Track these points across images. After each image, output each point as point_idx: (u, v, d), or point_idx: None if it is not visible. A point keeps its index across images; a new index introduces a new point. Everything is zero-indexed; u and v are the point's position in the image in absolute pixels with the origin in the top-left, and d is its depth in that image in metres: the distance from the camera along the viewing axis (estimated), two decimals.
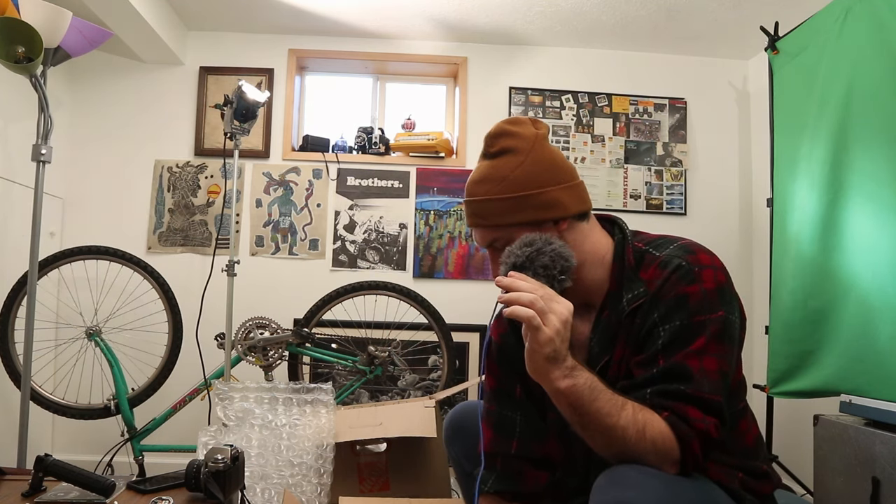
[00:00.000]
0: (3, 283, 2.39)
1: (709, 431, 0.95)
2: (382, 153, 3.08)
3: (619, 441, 0.94)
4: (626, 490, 0.90)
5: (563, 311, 0.95)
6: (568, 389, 0.95)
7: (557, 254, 1.01)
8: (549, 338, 0.92)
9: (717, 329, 1.00)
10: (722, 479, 1.03)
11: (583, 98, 3.15)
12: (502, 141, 1.12)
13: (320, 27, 3.03)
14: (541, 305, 0.93)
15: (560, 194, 1.09)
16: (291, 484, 1.89)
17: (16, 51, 1.92)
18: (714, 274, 1.02)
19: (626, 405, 0.96)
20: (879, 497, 1.57)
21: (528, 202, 1.09)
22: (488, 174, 1.12)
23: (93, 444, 2.71)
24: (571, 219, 1.11)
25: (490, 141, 1.14)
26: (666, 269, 1.04)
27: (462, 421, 1.39)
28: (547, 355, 0.93)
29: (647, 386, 1.00)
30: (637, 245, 1.11)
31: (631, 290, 1.07)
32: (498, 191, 1.10)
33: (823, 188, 2.13)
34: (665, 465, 0.94)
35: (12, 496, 1.34)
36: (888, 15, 1.89)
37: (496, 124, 1.15)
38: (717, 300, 1.01)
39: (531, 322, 0.92)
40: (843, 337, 1.99)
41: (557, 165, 1.12)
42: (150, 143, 3.02)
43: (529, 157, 1.10)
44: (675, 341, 1.00)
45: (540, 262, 1.01)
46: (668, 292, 1.02)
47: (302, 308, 2.59)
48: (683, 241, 1.09)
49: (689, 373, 0.97)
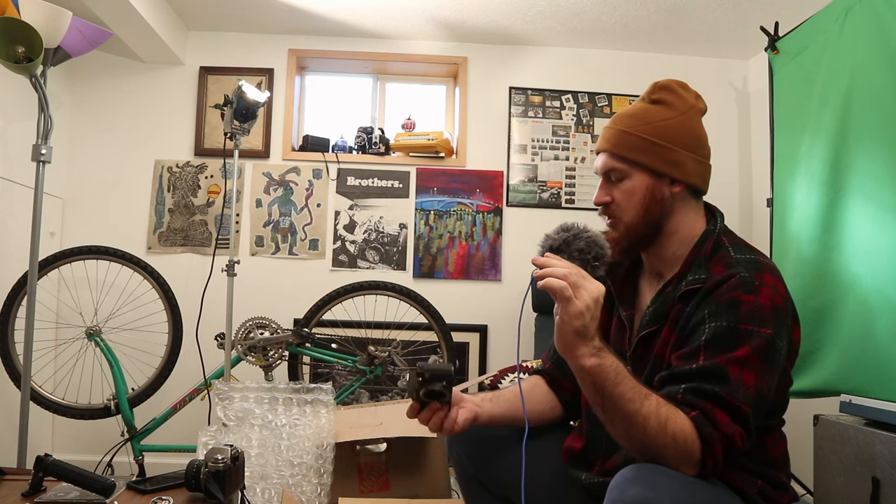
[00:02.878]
0: (3, 283, 2.39)
1: (734, 438, 0.95)
2: (382, 153, 3.08)
3: (640, 430, 0.95)
4: (643, 489, 0.90)
5: (595, 290, 0.97)
6: (593, 368, 0.96)
7: (593, 240, 1.04)
8: (580, 311, 0.95)
9: (762, 345, 0.99)
10: (740, 484, 1.03)
11: (583, 98, 3.15)
12: (664, 93, 1.19)
13: (320, 27, 3.03)
14: (574, 279, 0.96)
15: (688, 160, 1.15)
16: (291, 484, 1.88)
17: (16, 51, 1.92)
18: (772, 295, 1.03)
19: (650, 396, 0.96)
20: (879, 497, 1.57)
21: (660, 151, 1.15)
22: (639, 113, 1.19)
23: (93, 444, 2.71)
24: (686, 187, 1.16)
25: (654, 88, 1.21)
26: (729, 271, 1.06)
27: None
28: (576, 329, 0.95)
29: (683, 380, 1.00)
30: (723, 241, 1.14)
31: (695, 273, 1.10)
32: (640, 129, 1.16)
33: (823, 188, 2.13)
34: (684, 464, 0.94)
35: (12, 496, 1.34)
36: (888, 15, 1.89)
37: (668, 79, 1.21)
38: (770, 318, 1.01)
39: (563, 293, 0.95)
40: (843, 337, 1.99)
41: (699, 138, 1.18)
42: (150, 143, 3.02)
43: (680, 117, 1.17)
44: (719, 342, 1.00)
45: (576, 246, 1.04)
46: (723, 293, 1.04)
47: (302, 308, 2.59)
48: (762, 258, 1.11)
49: (726, 376, 0.97)
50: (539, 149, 3.11)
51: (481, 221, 3.06)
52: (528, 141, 3.12)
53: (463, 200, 3.07)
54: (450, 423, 1.12)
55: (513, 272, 3.02)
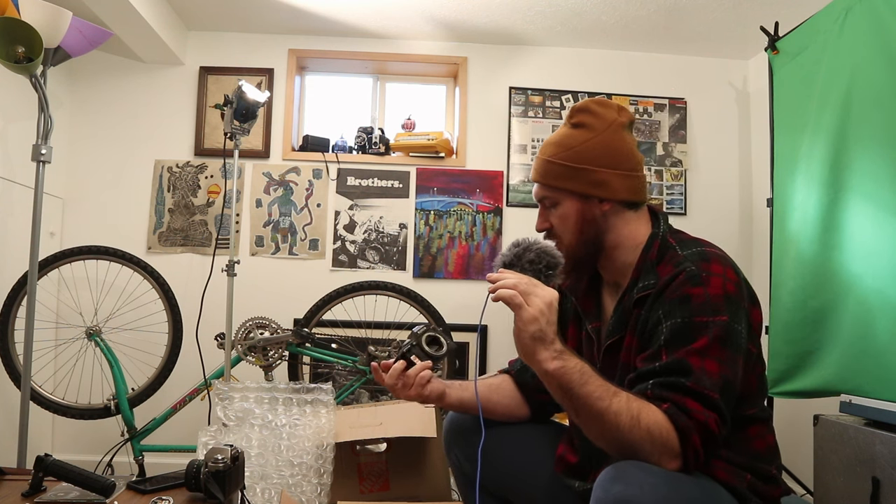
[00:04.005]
0: (3, 283, 2.39)
1: (708, 424, 0.96)
2: (382, 153, 3.08)
3: (613, 427, 0.96)
4: (627, 487, 0.90)
5: (547, 295, 1.01)
6: (557, 371, 0.99)
7: (542, 250, 1.10)
8: (533, 316, 0.99)
9: (720, 333, 1.01)
10: (729, 479, 1.04)
11: (582, 98, 3.14)
12: (583, 116, 1.22)
13: (320, 27, 3.03)
14: (523, 288, 1.01)
15: (612, 178, 1.18)
16: (291, 484, 1.89)
17: (16, 51, 1.92)
18: (723, 282, 1.05)
19: (618, 392, 0.98)
20: (879, 497, 1.57)
21: (582, 175, 1.18)
22: (560, 140, 1.23)
23: (93, 444, 2.71)
24: (616, 203, 1.19)
25: (573, 112, 1.24)
26: (677, 269, 1.08)
27: (462, 423, 1.39)
28: (532, 334, 0.99)
29: (649, 378, 1.02)
30: (669, 241, 1.16)
31: (644, 280, 1.13)
32: (561, 156, 1.20)
33: (823, 188, 2.13)
34: (665, 457, 0.95)
35: (12, 496, 1.34)
36: (888, 15, 1.89)
37: (586, 100, 1.25)
38: (722, 305, 1.03)
39: (513, 300, 1.00)
40: (843, 337, 1.99)
41: (621, 153, 1.20)
42: (150, 143, 3.02)
43: (599, 137, 1.19)
44: (677, 338, 1.02)
45: (526, 258, 1.09)
46: (674, 291, 1.06)
47: (302, 308, 2.59)
48: (709, 248, 1.13)
49: (689, 368, 0.99)
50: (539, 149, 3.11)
51: (481, 221, 3.06)
52: (528, 141, 3.12)
53: (463, 200, 3.07)
54: (419, 383, 1.23)
55: None
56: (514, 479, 1.33)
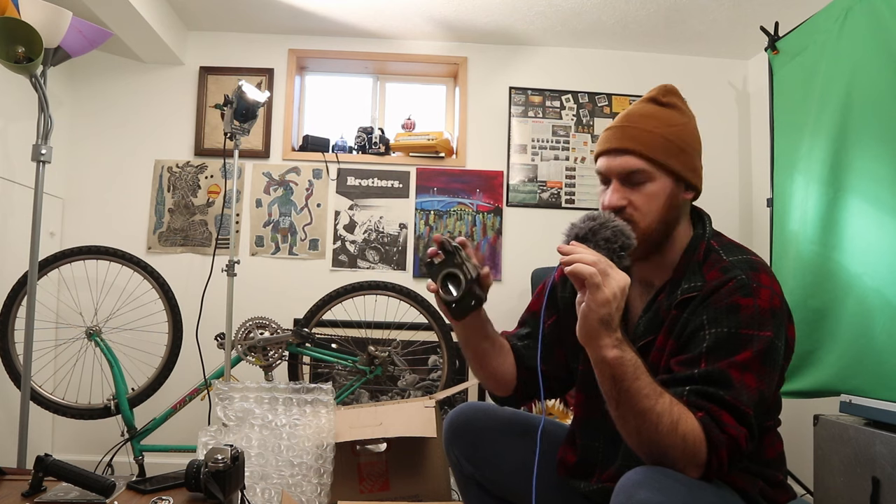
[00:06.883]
0: (3, 283, 2.39)
1: (738, 440, 0.95)
2: (382, 153, 3.08)
3: (651, 428, 0.94)
4: (652, 493, 0.89)
5: (622, 280, 0.96)
6: (614, 360, 0.95)
7: (619, 230, 1.03)
8: (607, 299, 0.94)
9: (763, 348, 0.99)
10: (743, 484, 1.04)
11: (583, 98, 3.15)
12: (674, 98, 1.17)
13: (320, 27, 3.03)
14: (602, 267, 0.95)
15: (700, 168, 1.16)
16: (291, 484, 1.89)
17: (16, 51, 1.92)
18: (771, 295, 1.02)
19: (664, 394, 0.95)
20: (879, 497, 1.57)
21: (683, 157, 1.12)
22: (657, 114, 1.14)
23: (93, 444, 2.71)
24: (694, 196, 1.16)
25: (663, 91, 1.17)
26: (726, 275, 1.04)
27: (462, 422, 1.38)
28: (602, 317, 0.94)
29: (686, 384, 0.99)
30: (711, 243, 1.13)
31: (690, 281, 1.08)
32: (667, 131, 1.12)
33: (823, 188, 2.13)
34: (689, 466, 0.94)
35: (12, 496, 1.34)
36: (888, 15, 1.89)
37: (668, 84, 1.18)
38: (769, 320, 1.01)
39: (593, 279, 0.93)
40: (843, 337, 1.99)
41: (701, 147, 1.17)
42: (150, 143, 3.01)
43: (691, 123, 1.17)
44: (721, 348, 1.00)
45: (602, 235, 1.02)
46: (721, 298, 1.02)
47: (302, 308, 2.59)
48: (754, 257, 1.09)
49: (729, 380, 0.97)
50: (539, 149, 3.11)
51: (481, 221, 3.06)
52: (528, 141, 3.12)
53: (463, 200, 3.07)
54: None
55: (513, 272, 3.02)
56: (516, 481, 1.33)
